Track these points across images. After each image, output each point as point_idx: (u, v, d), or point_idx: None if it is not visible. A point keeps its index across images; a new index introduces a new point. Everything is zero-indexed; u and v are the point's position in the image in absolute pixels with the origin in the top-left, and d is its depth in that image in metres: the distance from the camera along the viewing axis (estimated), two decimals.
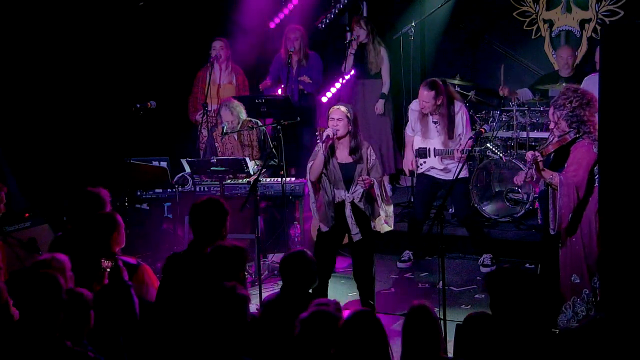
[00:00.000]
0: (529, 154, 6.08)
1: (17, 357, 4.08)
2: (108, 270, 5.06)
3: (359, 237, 6.69)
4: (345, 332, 4.10)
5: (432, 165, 7.88)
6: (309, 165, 6.75)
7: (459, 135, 7.74)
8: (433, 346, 4.21)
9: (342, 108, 6.66)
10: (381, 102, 9.29)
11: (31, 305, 4.10)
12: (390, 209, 6.81)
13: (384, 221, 6.78)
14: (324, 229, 6.78)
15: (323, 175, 6.68)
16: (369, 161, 6.64)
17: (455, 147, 7.65)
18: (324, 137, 6.63)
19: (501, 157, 7.59)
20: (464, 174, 7.79)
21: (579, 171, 5.99)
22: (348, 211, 6.65)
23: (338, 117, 6.62)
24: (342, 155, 6.69)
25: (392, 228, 6.90)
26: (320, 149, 6.65)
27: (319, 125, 8.99)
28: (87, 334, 4.44)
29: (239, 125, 8.15)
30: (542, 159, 6.07)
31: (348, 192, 6.64)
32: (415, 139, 7.96)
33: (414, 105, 7.97)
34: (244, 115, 8.16)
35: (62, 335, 4.15)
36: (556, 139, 6.15)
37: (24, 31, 9.03)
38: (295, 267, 5.02)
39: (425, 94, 7.67)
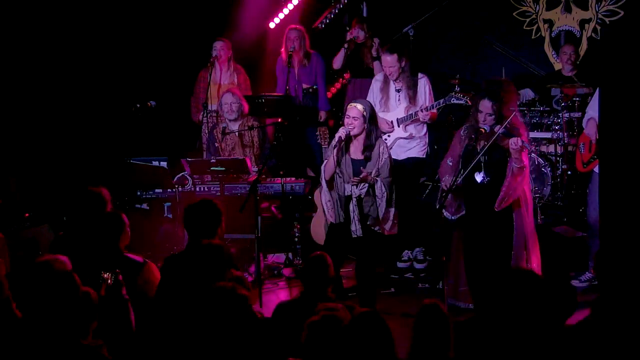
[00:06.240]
0: (517, 142, 6.24)
1: (24, 355, 4.10)
2: (109, 282, 5.02)
3: (359, 234, 6.58)
4: (351, 332, 4.10)
5: (397, 136, 7.75)
6: (323, 164, 6.69)
7: (421, 106, 7.63)
8: (443, 345, 4.20)
9: (359, 106, 6.56)
10: None
11: (48, 302, 4.13)
12: (392, 211, 6.61)
13: (387, 226, 6.62)
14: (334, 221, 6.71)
15: (336, 172, 6.64)
16: (380, 159, 6.54)
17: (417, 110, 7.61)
18: (336, 139, 6.55)
19: (467, 102, 7.54)
20: (421, 154, 7.79)
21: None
22: (352, 206, 6.58)
23: (354, 116, 6.54)
24: (356, 151, 6.62)
25: (395, 231, 6.70)
26: (332, 150, 6.59)
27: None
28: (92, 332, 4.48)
29: (240, 116, 8.13)
30: None
31: (356, 188, 6.58)
32: None
33: (379, 76, 7.91)
34: (245, 103, 8.16)
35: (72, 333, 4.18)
36: (502, 128, 6.36)
37: (24, 31, 9.04)
38: (316, 270, 5.11)
39: (389, 59, 7.60)
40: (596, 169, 7.25)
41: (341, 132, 6.56)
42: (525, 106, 8.84)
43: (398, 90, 7.74)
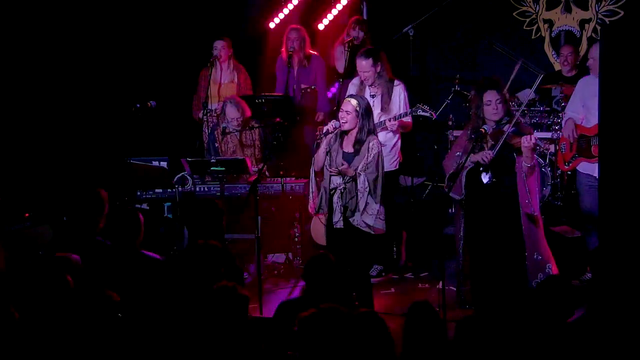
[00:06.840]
0: (531, 139, 6.13)
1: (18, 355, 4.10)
2: None
3: (340, 225, 6.60)
4: (350, 333, 4.10)
5: None
6: (314, 155, 6.74)
7: (395, 114, 7.56)
8: (435, 343, 4.20)
9: (353, 101, 6.59)
10: None
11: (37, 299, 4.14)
12: (376, 208, 6.52)
13: (369, 220, 6.56)
14: (323, 218, 6.75)
15: (325, 164, 6.67)
16: (368, 154, 6.56)
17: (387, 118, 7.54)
18: (324, 131, 6.65)
19: (431, 115, 7.51)
20: (392, 166, 7.65)
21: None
22: (336, 197, 6.61)
23: (347, 110, 6.58)
24: (348, 144, 6.66)
25: (381, 229, 6.61)
26: (323, 142, 6.65)
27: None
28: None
29: (242, 122, 8.14)
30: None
31: (340, 179, 6.59)
32: None
33: (356, 80, 7.83)
34: (248, 112, 8.17)
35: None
36: (511, 127, 6.29)
37: (24, 31, 9.04)
38: (318, 269, 5.13)
39: (364, 64, 7.50)
40: (579, 167, 7.41)
41: (329, 125, 6.63)
42: (525, 106, 8.82)
43: (373, 96, 7.63)
